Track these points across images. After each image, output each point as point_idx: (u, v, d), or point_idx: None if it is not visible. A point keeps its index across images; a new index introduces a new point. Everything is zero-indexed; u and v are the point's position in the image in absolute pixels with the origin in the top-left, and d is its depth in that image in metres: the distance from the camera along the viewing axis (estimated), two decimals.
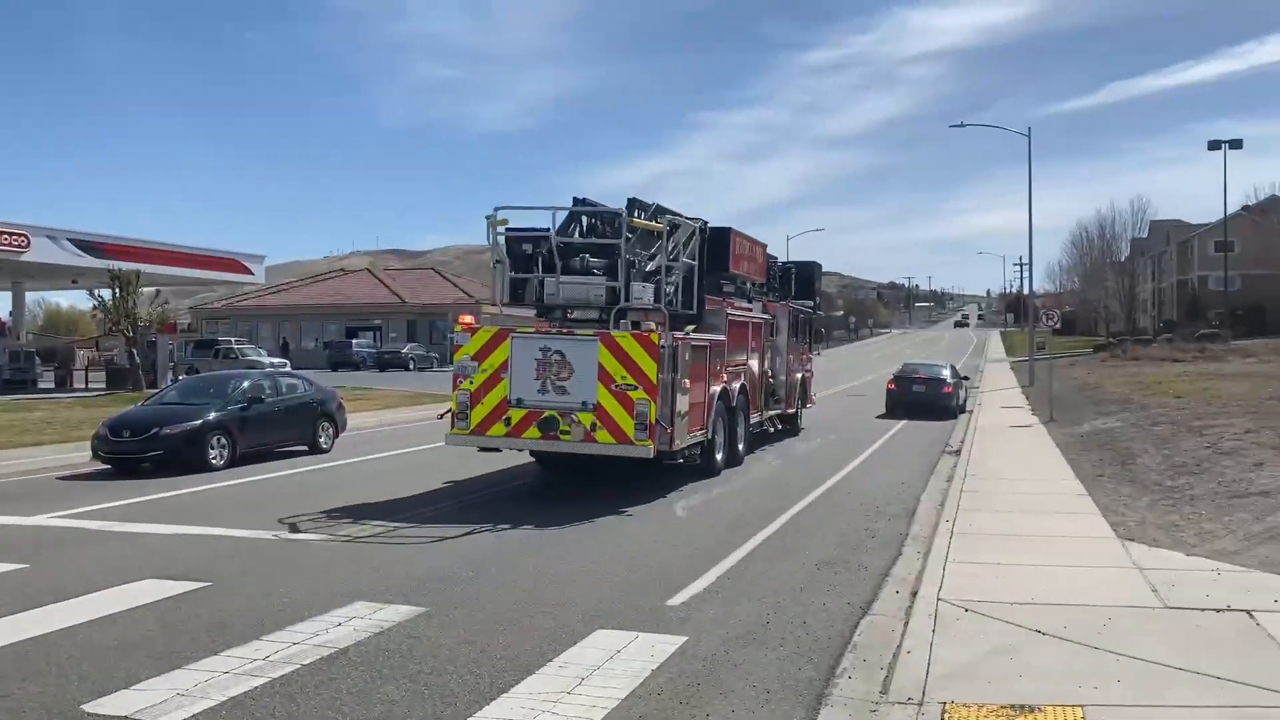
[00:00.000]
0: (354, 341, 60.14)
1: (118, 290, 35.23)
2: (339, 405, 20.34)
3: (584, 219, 15.00)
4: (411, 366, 56.00)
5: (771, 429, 21.00)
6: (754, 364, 18.47)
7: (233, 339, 51.23)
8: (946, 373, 30.35)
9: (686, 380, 13.96)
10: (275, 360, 45.83)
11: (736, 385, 16.84)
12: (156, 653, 6.89)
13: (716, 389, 15.61)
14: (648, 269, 14.43)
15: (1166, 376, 35.89)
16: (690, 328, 14.84)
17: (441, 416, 15.67)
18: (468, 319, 14.15)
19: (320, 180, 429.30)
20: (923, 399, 28.62)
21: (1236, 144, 67.03)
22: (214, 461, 16.52)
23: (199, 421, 16.63)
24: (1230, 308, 75.35)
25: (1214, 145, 67.29)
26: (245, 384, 18.38)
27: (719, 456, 15.76)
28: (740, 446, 17.04)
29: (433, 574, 9.21)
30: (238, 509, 12.90)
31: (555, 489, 14.68)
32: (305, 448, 18.88)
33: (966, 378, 35.32)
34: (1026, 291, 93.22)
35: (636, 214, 14.34)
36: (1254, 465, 14.05)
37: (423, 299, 68.43)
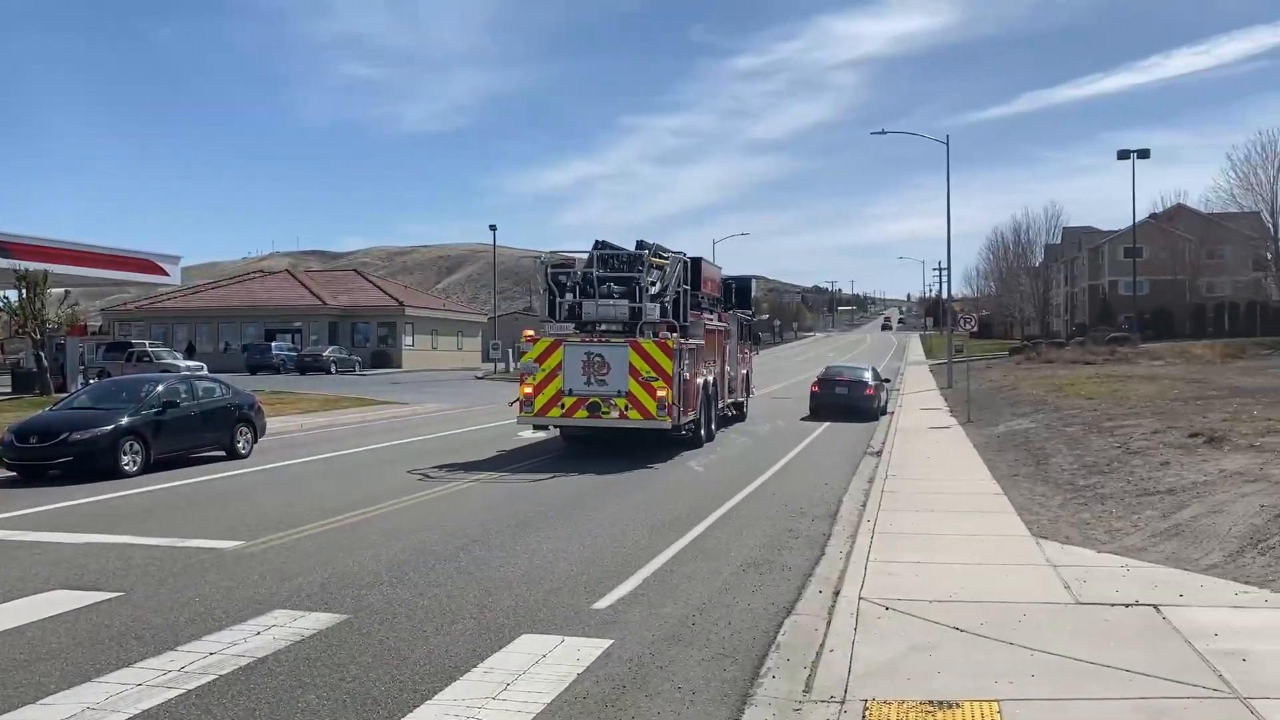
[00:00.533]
0: (273, 344, 58.81)
1: (24, 291, 33.98)
2: (257, 409, 19.92)
3: (606, 257, 19.57)
4: (333, 370, 55.05)
5: (729, 413, 25.09)
6: (719, 363, 22.86)
7: (146, 342, 49.81)
8: (868, 375, 30.88)
9: (687, 374, 19.03)
10: (191, 364, 44.70)
11: (711, 378, 21.53)
12: (66, 666, 6.67)
13: (701, 381, 20.28)
14: (652, 292, 18.95)
15: (1078, 378, 36.99)
16: (676, 335, 18.77)
17: (511, 404, 20.10)
18: (529, 332, 19.15)
19: (239, 180, 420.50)
20: (846, 401, 29.07)
21: (1144, 154, 69.32)
22: (127, 468, 16.05)
23: (111, 426, 16.14)
24: (1139, 312, 77.99)
25: (1123, 155, 69.46)
26: (159, 388, 17.87)
27: (703, 432, 20.48)
28: (713, 426, 21.50)
29: (354, 580, 9.06)
30: (151, 517, 12.54)
31: (483, 494, 14.56)
32: (223, 453, 18.46)
33: (888, 380, 35.97)
34: (945, 296, 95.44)
35: (655, 255, 19.28)
36: (1161, 464, 14.56)
37: (345, 301, 67.32)
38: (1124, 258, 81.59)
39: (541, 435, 20.89)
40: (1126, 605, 7.79)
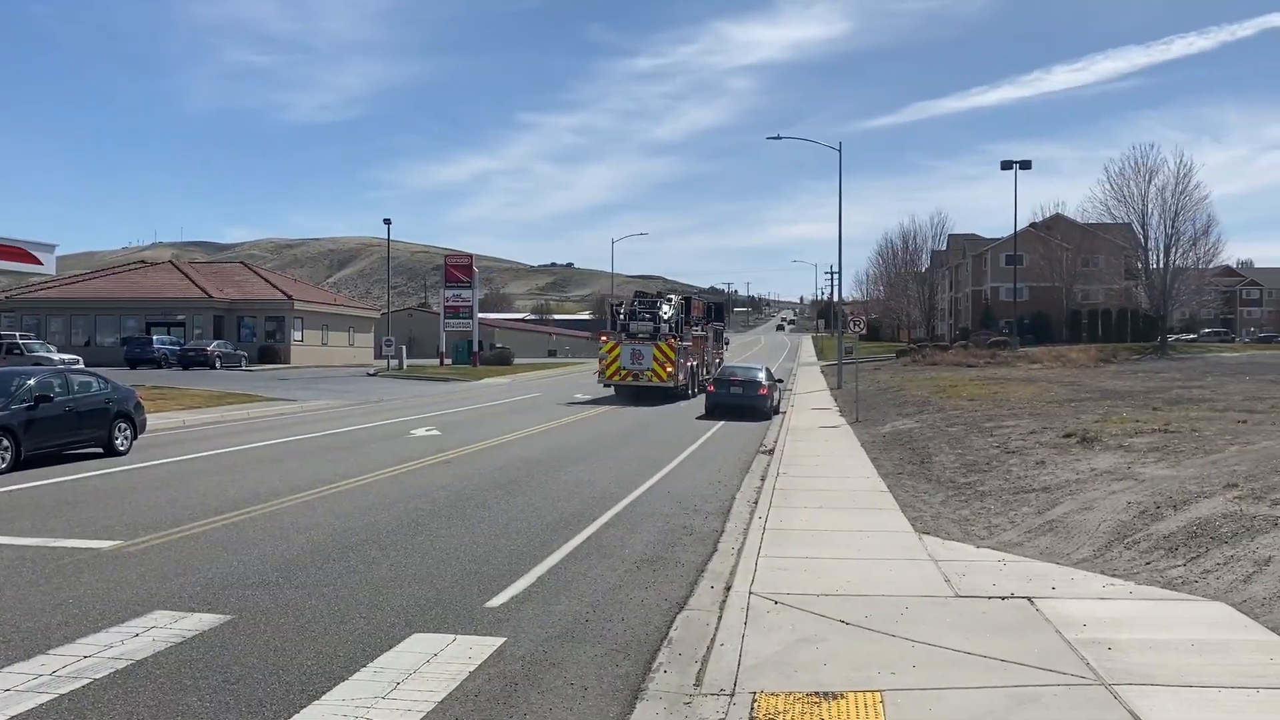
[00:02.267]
0: (155, 338, 56.70)
1: None
2: (137, 405, 19.19)
3: (641, 298, 38.35)
4: (218, 365, 53.34)
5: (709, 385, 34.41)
6: (701, 355, 39.71)
7: (18, 333, 47.45)
8: (762, 376, 31.41)
9: (682, 360, 34.72)
10: (66, 357, 42.80)
11: (695, 364, 37.97)
12: None
13: (690, 365, 36.52)
14: (664, 318, 34.99)
15: (961, 380, 38.27)
16: (674, 340, 34.76)
17: (596, 374, 36.19)
18: (605, 337, 35.63)
19: (120, 167, 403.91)
20: (740, 401, 29.54)
21: (1026, 165, 72.06)
22: None
23: None
24: (1019, 317, 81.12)
25: (1006, 165, 72.11)
26: (31, 381, 17.05)
27: (690, 391, 36.20)
28: (694, 389, 36.64)
29: (239, 579, 8.84)
30: (22, 515, 11.98)
31: (375, 491, 14.31)
32: (101, 450, 17.74)
33: (781, 380, 36.62)
34: (836, 299, 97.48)
35: (665, 299, 37.65)
36: (1037, 463, 15.19)
37: (231, 294, 65.27)
38: (1005, 265, 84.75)
39: (423, 431, 21.16)
40: (1002, 598, 8.12)
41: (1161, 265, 71.05)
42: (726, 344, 51.56)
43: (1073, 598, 8.10)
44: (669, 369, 33.97)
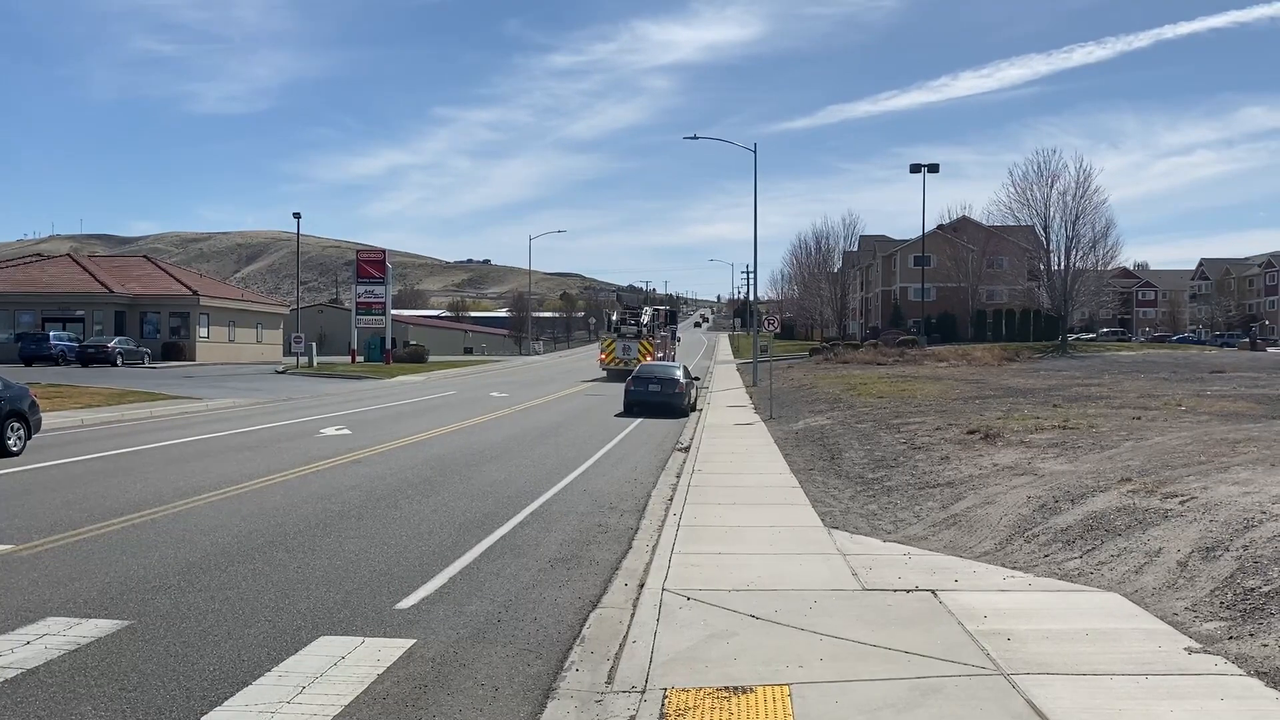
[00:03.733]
0: (52, 334, 54.59)
1: None
2: (32, 403, 18.45)
3: (628, 306, 58.49)
4: (119, 362, 51.62)
5: None
6: (665, 348, 53.35)
7: None
8: (679, 374, 31.66)
9: (657, 353, 49.22)
10: None
11: (663, 355, 50.06)
12: None
13: (660, 355, 49.61)
14: (644, 322, 51.97)
15: (871, 378, 39.04)
16: (651, 339, 50.82)
17: (599, 362, 51.99)
18: (606, 338, 53.24)
19: (14, 155, 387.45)
20: (657, 398, 29.73)
21: (934, 168, 73.84)
22: None
23: None
24: (927, 316, 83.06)
25: (915, 168, 73.80)
26: None
27: None
28: None
29: (139, 584, 8.56)
30: None
31: (283, 492, 14.00)
32: None
33: (697, 378, 36.92)
34: (752, 298, 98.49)
35: (654, 308, 58.05)
36: (941, 459, 15.58)
37: (133, 289, 63.17)
38: (914, 265, 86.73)
39: (334, 430, 20.73)
40: (907, 591, 8.31)
41: (1062, 267, 73.46)
42: (678, 340, 70.48)
43: (975, 590, 8.33)
44: (649, 357, 47.29)
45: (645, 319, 52.23)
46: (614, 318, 53.52)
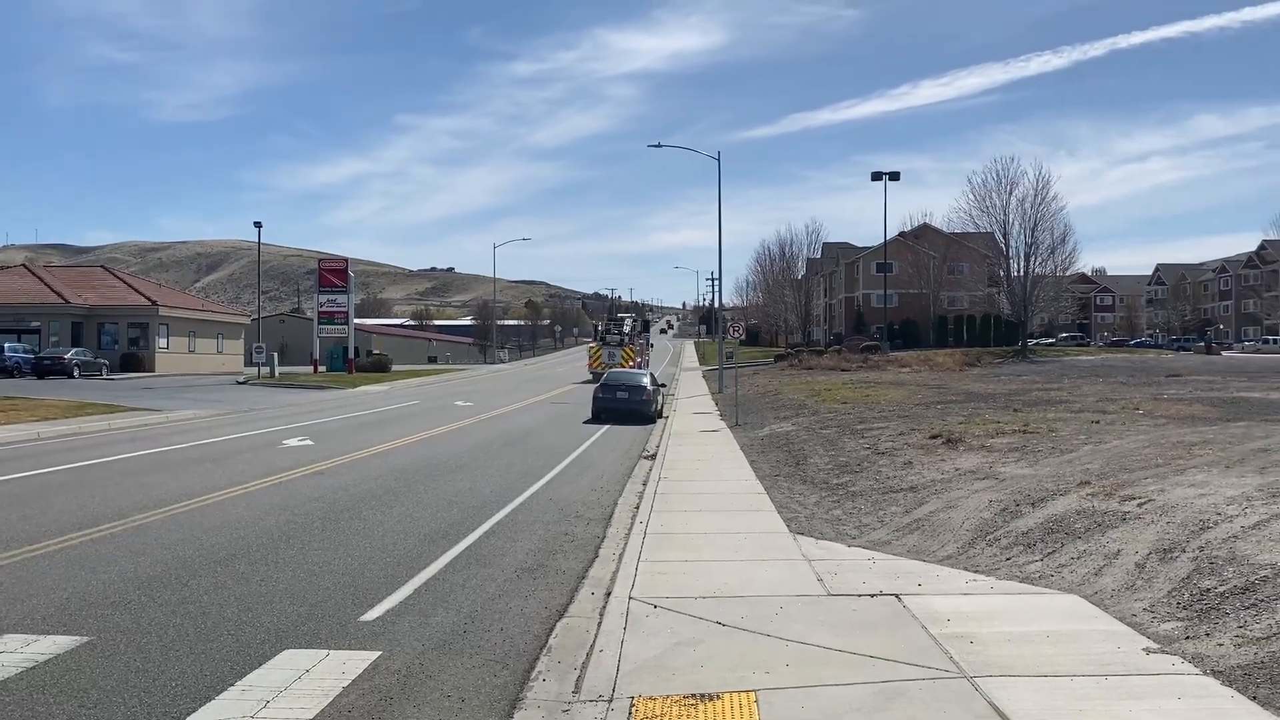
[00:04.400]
0: (6, 345, 53.63)
1: None
2: None
3: (613, 317, 69.67)
4: (76, 374, 50.77)
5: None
6: (643, 355, 58.39)
7: None
8: (646, 381, 31.76)
9: (637, 359, 54.62)
10: None
11: (640, 360, 54.68)
12: None
13: (640, 359, 55.20)
14: (625, 330, 60.05)
15: (835, 384, 39.30)
16: (632, 346, 56.92)
17: (587, 366, 57.16)
18: (593, 345, 60.57)
19: None
20: (625, 405, 29.82)
21: (895, 176, 74.59)
22: None
23: None
24: (889, 322, 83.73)
25: (876, 176, 74.50)
26: None
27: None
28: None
29: (99, 599, 8.44)
30: None
31: (246, 504, 13.86)
32: None
33: (664, 385, 37.02)
34: (717, 305, 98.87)
35: (632, 317, 68.70)
36: (905, 464, 15.72)
37: (91, 299, 62.19)
38: (876, 272, 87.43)
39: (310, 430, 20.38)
40: (872, 595, 8.38)
41: (1022, 273, 74.49)
42: (651, 347, 74.79)
43: (938, 594, 8.42)
44: (631, 363, 52.50)
45: (626, 328, 60.51)
46: (600, 327, 65.58)
